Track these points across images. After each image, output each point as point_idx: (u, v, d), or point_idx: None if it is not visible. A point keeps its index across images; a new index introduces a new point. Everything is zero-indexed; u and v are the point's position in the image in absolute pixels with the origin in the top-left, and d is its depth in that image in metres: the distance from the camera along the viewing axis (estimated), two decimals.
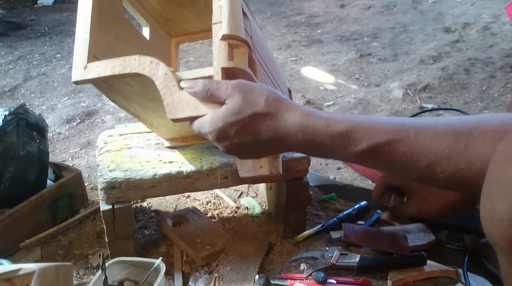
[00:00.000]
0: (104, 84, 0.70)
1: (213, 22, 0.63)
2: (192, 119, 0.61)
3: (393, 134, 0.51)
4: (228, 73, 0.62)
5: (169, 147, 0.92)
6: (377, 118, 0.54)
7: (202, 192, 1.17)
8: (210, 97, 0.58)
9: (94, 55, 0.68)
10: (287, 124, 0.55)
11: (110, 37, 0.76)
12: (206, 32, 0.99)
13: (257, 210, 1.09)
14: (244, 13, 0.65)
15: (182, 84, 0.61)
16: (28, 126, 1.02)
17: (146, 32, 0.93)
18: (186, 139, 0.89)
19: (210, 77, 0.62)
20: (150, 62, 0.63)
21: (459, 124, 0.49)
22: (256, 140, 0.57)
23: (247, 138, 0.57)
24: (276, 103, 0.56)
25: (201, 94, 0.59)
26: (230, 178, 0.88)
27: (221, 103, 0.58)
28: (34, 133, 1.03)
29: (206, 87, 0.58)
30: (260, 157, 0.65)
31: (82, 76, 0.67)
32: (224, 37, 0.61)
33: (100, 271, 0.72)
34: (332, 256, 0.88)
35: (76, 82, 0.67)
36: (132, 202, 0.94)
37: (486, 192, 0.44)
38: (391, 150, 0.51)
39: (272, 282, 0.86)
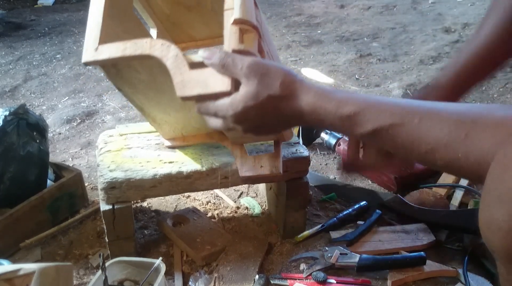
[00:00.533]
0: (113, 69, 0.70)
1: (225, 8, 0.64)
2: (201, 97, 0.62)
3: (398, 118, 0.52)
4: None
5: (169, 147, 0.92)
6: (387, 99, 0.55)
7: (202, 192, 1.17)
8: (224, 72, 0.60)
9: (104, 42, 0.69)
10: (302, 105, 0.57)
11: (118, 29, 0.77)
12: (211, 39, 1.00)
13: (257, 210, 1.10)
14: (255, 3, 0.66)
15: (200, 52, 0.62)
16: (29, 126, 1.02)
17: (153, 34, 0.93)
18: (187, 139, 0.89)
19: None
20: (162, 44, 0.63)
21: (465, 113, 0.49)
22: (275, 118, 0.59)
23: (265, 118, 0.59)
24: (291, 85, 0.58)
25: (216, 67, 0.60)
26: (230, 178, 0.88)
27: (234, 79, 0.60)
28: (35, 133, 1.03)
29: (222, 62, 0.59)
30: (278, 133, 0.67)
31: (93, 57, 0.66)
32: (236, 21, 0.61)
33: (100, 271, 0.72)
34: (331, 256, 0.88)
35: (86, 63, 0.67)
36: (132, 202, 0.95)
37: (485, 199, 0.44)
38: (394, 133, 0.52)
39: (272, 282, 0.86)
